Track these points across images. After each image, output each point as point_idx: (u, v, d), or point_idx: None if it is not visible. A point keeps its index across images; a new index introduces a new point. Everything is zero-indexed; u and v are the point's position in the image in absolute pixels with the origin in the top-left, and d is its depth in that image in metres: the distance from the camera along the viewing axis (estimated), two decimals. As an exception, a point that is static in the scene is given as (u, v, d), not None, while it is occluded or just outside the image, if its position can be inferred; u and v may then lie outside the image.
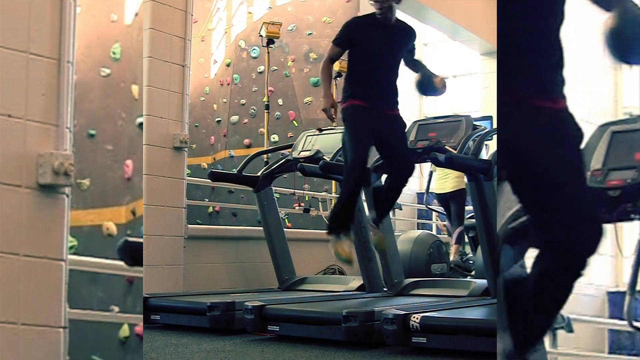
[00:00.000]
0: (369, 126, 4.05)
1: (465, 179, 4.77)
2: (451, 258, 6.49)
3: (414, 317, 3.25)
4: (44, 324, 1.86)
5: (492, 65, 8.68)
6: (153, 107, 4.79)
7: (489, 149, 5.69)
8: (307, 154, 5.01)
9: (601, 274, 4.94)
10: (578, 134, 1.84)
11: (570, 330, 3.69)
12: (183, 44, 5.01)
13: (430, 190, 6.89)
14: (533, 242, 1.91)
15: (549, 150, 1.81)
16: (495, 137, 4.37)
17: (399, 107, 4.20)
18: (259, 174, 5.33)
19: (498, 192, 2.02)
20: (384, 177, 4.92)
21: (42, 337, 1.85)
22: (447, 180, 6.64)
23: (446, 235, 7.30)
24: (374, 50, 4.12)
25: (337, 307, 3.81)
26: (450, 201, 6.78)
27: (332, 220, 4.08)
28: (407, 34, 4.27)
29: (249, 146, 10.09)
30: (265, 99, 7.65)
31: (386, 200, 4.34)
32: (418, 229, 8.72)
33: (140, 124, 4.11)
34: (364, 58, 4.13)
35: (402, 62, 4.24)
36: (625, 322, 4.58)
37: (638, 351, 4.52)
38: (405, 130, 4.33)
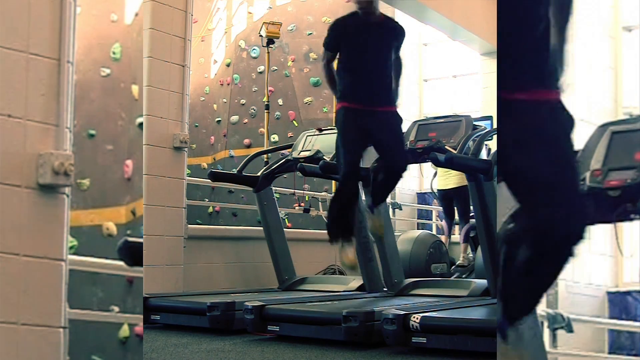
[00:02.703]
0: (361, 128, 4.00)
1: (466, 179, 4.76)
2: (460, 258, 6.47)
3: (414, 317, 3.25)
4: (44, 324, 1.86)
5: (492, 65, 8.66)
6: (153, 107, 4.79)
7: (489, 149, 5.69)
8: (307, 154, 5.01)
9: (601, 274, 4.95)
10: (570, 122, 1.87)
11: (570, 330, 3.69)
12: (183, 44, 5.01)
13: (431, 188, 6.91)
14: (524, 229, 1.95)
15: (542, 139, 1.84)
16: (495, 137, 4.37)
17: (395, 102, 4.11)
18: (259, 174, 5.33)
19: (498, 192, 2.02)
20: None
21: (42, 337, 1.85)
22: (449, 177, 6.65)
23: (445, 235, 7.30)
24: (360, 49, 4.05)
25: (337, 307, 3.81)
26: (454, 198, 6.79)
27: (332, 226, 4.01)
28: (395, 31, 4.18)
29: (249, 146, 10.09)
30: (265, 99, 7.65)
31: (381, 188, 4.21)
32: (418, 229, 8.72)
33: (140, 124, 4.11)
34: (350, 58, 4.07)
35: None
36: (625, 322, 4.59)
37: (638, 351, 4.52)
38: (401, 126, 4.20)
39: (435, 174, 7.00)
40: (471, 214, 6.35)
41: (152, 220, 4.73)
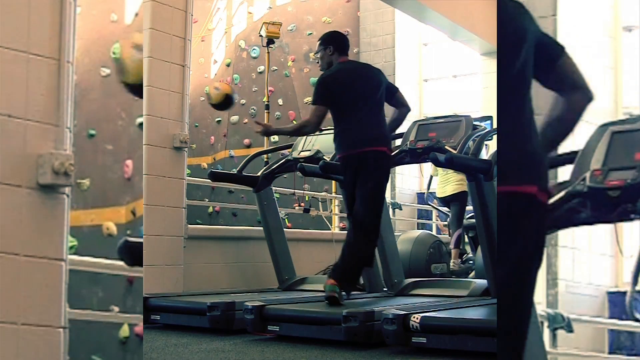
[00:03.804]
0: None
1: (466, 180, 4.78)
2: (451, 264, 6.45)
3: (414, 317, 3.25)
4: (44, 324, 1.86)
5: (492, 65, 8.67)
6: (153, 107, 4.78)
7: (489, 149, 5.69)
8: (307, 154, 5.00)
9: (601, 274, 4.95)
10: None
11: (570, 330, 3.69)
12: (183, 44, 5.00)
13: (431, 192, 6.91)
14: None
15: None
16: (495, 137, 4.37)
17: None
18: (259, 174, 5.33)
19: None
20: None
21: (42, 337, 1.85)
22: (448, 185, 6.64)
23: (447, 235, 7.29)
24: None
25: (337, 307, 3.80)
26: (451, 203, 6.79)
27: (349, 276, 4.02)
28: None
29: (249, 146, 10.10)
30: (265, 99, 7.66)
31: (349, 256, 4.04)
32: (418, 229, 8.72)
33: (140, 124, 4.12)
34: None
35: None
36: (625, 322, 4.59)
37: (638, 351, 4.52)
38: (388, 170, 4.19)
39: (430, 178, 7.01)
40: (469, 216, 6.36)
41: (152, 220, 4.72)
